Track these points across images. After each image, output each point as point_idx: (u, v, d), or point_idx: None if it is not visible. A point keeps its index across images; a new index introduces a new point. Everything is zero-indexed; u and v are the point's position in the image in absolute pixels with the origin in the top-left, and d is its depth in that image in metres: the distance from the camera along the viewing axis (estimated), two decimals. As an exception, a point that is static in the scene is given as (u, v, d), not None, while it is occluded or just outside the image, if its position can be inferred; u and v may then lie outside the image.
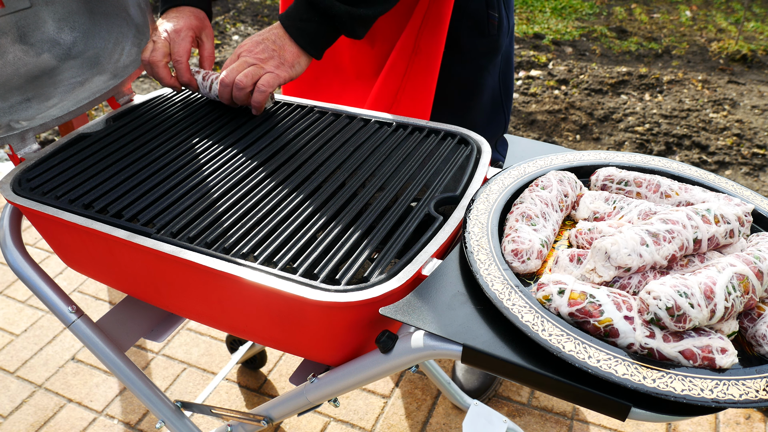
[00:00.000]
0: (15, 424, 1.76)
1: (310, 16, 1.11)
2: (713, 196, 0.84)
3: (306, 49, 1.13)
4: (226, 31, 4.70)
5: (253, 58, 1.11)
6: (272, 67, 1.11)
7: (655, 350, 0.63)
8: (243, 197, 0.95)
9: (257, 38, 1.13)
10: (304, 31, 1.12)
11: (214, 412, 1.15)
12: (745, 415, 1.72)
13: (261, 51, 1.12)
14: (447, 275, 0.76)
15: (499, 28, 1.34)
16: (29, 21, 1.26)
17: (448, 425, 1.72)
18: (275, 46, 1.12)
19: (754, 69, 4.01)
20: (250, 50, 1.12)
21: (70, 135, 1.15)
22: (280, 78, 1.11)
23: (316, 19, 1.11)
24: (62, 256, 1.07)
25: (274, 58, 1.11)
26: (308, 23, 1.11)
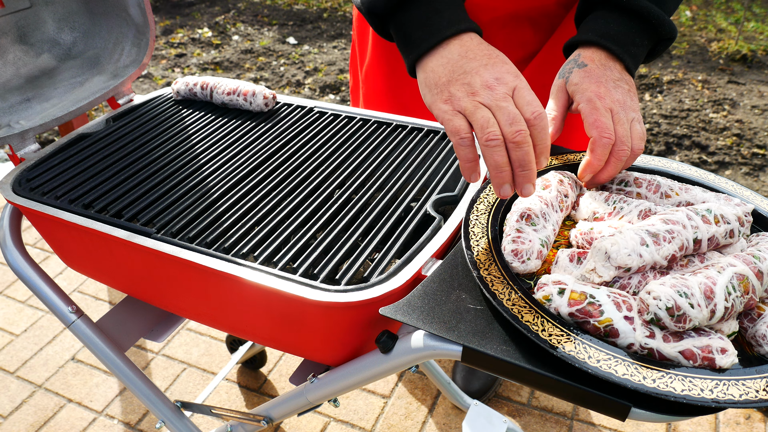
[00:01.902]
0: (15, 424, 1.76)
1: (642, 41, 0.88)
2: (713, 196, 0.84)
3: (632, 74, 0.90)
4: (227, 31, 4.70)
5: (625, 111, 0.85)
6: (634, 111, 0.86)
7: (655, 350, 0.63)
8: (243, 197, 0.95)
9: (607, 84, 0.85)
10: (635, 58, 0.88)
11: (214, 412, 1.15)
12: (745, 415, 1.72)
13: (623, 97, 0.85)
14: (447, 275, 0.76)
15: None
16: (29, 21, 1.26)
17: (448, 425, 1.72)
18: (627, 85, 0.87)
19: (754, 69, 4.01)
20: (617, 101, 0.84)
21: (70, 135, 1.15)
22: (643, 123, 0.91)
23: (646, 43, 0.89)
24: (62, 256, 1.07)
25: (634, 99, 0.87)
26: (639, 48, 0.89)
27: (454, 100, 0.73)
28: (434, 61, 0.77)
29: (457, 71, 0.75)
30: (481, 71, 0.73)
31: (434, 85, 0.76)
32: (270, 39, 4.56)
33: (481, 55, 0.75)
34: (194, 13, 5.09)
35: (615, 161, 0.83)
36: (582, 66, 0.87)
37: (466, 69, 0.74)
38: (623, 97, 0.85)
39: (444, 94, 0.74)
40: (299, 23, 4.85)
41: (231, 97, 1.21)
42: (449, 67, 0.75)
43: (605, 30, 0.88)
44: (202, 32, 4.68)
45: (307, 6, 5.24)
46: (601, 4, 0.90)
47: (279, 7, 5.20)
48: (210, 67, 4.12)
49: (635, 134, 0.84)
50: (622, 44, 0.87)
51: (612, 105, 0.83)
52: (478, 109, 0.71)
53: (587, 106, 0.83)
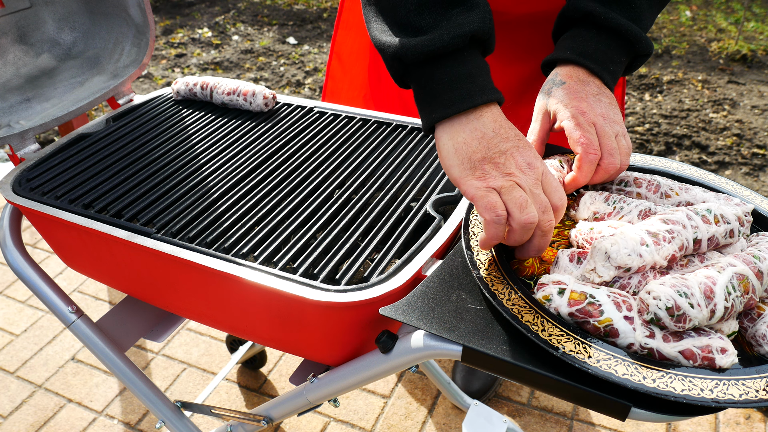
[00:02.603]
0: (15, 424, 1.76)
1: (620, 57, 0.88)
2: (713, 196, 0.84)
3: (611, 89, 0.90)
4: (227, 31, 4.70)
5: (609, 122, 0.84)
6: (618, 124, 0.85)
7: (655, 350, 0.63)
8: (243, 197, 0.95)
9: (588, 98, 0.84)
10: (613, 74, 0.88)
11: (214, 412, 1.15)
12: (745, 415, 1.72)
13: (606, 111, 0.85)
14: (447, 275, 0.76)
15: None
16: (29, 21, 1.26)
17: (448, 425, 1.72)
18: (607, 98, 0.86)
19: (754, 69, 4.01)
20: (600, 115, 0.84)
21: (70, 135, 1.15)
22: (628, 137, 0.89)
23: (623, 60, 0.89)
24: (62, 256, 1.07)
25: (617, 111, 0.86)
26: (617, 65, 0.88)
27: (489, 178, 0.72)
28: (466, 133, 0.74)
29: (492, 149, 0.73)
30: (515, 154, 0.73)
31: (467, 159, 0.73)
32: (270, 39, 4.56)
33: (513, 136, 0.74)
34: (194, 13, 5.09)
35: (603, 173, 0.83)
36: (560, 84, 0.87)
37: (501, 149, 0.73)
38: (605, 110, 0.84)
39: (478, 171, 0.72)
40: (299, 23, 4.85)
41: (231, 97, 1.21)
42: (484, 143, 0.73)
43: (583, 48, 0.87)
44: (202, 32, 4.68)
45: (307, 6, 5.24)
46: (578, 21, 0.90)
47: (279, 7, 5.20)
48: (210, 67, 4.12)
49: (622, 149, 0.83)
50: (600, 62, 0.86)
51: (595, 119, 0.82)
52: (515, 189, 0.71)
53: (570, 123, 0.82)
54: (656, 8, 0.92)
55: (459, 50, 0.74)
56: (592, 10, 0.87)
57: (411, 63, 0.76)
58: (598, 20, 0.87)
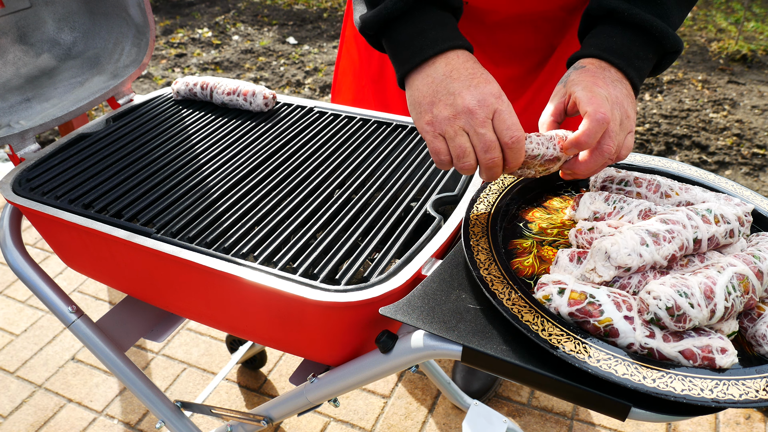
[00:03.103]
0: (15, 424, 1.76)
1: (646, 54, 0.86)
2: (713, 196, 0.84)
3: (637, 88, 0.87)
4: (227, 31, 4.70)
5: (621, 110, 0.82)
6: (632, 121, 0.83)
7: (655, 350, 0.63)
8: (243, 197, 0.95)
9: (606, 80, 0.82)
10: (640, 71, 0.86)
11: (214, 412, 1.15)
12: (745, 415, 1.72)
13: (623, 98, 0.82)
14: (447, 275, 0.76)
15: None
16: (29, 21, 1.26)
17: (448, 425, 1.72)
18: (626, 90, 0.84)
19: (754, 69, 4.01)
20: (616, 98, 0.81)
21: (70, 135, 1.15)
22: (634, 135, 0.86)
23: (650, 57, 0.87)
24: (62, 256, 1.07)
25: (632, 106, 0.84)
26: (644, 61, 0.86)
27: (436, 123, 0.76)
28: (419, 80, 0.78)
29: (440, 91, 0.76)
30: (464, 93, 0.75)
31: (418, 103, 0.77)
32: (270, 39, 4.56)
33: (465, 75, 0.76)
34: (194, 13, 5.09)
35: (598, 155, 0.80)
36: (580, 68, 0.86)
37: (450, 89, 0.75)
38: (621, 97, 0.82)
39: (427, 115, 0.77)
40: (299, 23, 4.85)
41: (231, 97, 1.21)
42: (433, 86, 0.77)
43: (607, 44, 0.86)
44: (202, 32, 4.68)
45: (307, 6, 5.24)
46: (602, 19, 0.89)
47: (279, 7, 5.20)
48: (210, 67, 4.12)
49: (626, 143, 0.82)
50: (625, 57, 0.85)
51: (609, 97, 0.80)
52: (457, 137, 0.75)
53: (584, 92, 0.80)
54: (685, 6, 0.91)
55: (407, 12, 0.78)
56: (616, 7, 0.86)
57: (372, 34, 0.81)
58: (622, 16, 0.86)
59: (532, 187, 0.93)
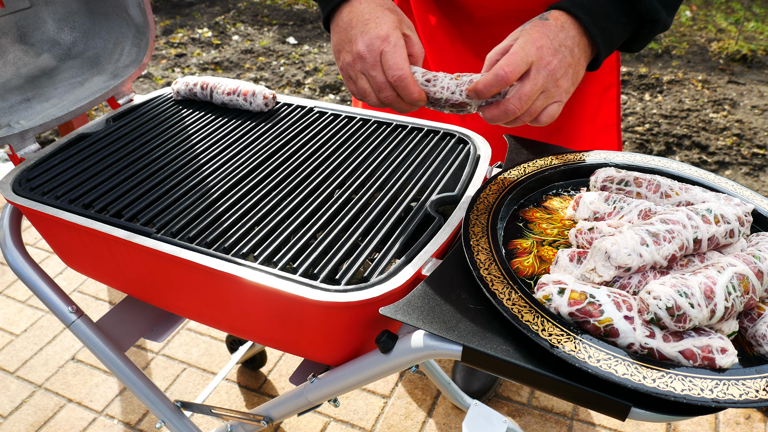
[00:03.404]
0: (15, 424, 1.76)
1: (618, 17, 0.84)
2: (713, 196, 0.84)
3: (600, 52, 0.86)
4: (227, 31, 4.70)
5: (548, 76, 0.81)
6: (563, 92, 0.83)
7: (655, 350, 0.63)
8: (243, 197, 0.95)
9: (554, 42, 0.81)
10: (606, 33, 0.84)
11: (214, 412, 1.15)
12: (745, 415, 1.72)
13: (559, 65, 0.81)
14: (447, 275, 0.76)
15: None
16: (29, 21, 1.26)
17: (448, 425, 1.72)
18: (572, 59, 0.83)
19: (754, 69, 4.01)
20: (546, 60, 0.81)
21: (70, 135, 1.15)
22: (562, 106, 0.85)
23: (623, 21, 0.85)
24: (62, 256, 1.07)
25: (568, 78, 0.83)
26: (614, 24, 0.84)
27: (344, 69, 0.88)
28: (333, 30, 0.89)
29: (343, 40, 0.86)
30: (357, 40, 0.84)
31: (334, 52, 0.89)
32: (270, 39, 4.56)
33: (361, 21, 0.84)
34: (194, 13, 5.09)
35: (501, 111, 0.81)
36: (542, 18, 0.84)
37: (349, 37, 0.85)
38: (561, 65, 0.81)
39: (338, 62, 0.89)
40: (299, 23, 4.85)
41: (231, 97, 1.21)
42: (340, 35, 0.87)
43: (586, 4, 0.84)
44: (202, 32, 4.68)
45: (307, 6, 5.24)
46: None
47: (279, 7, 5.20)
48: (210, 67, 4.12)
49: (534, 107, 0.81)
50: (593, 14, 0.83)
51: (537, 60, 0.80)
52: (359, 80, 0.86)
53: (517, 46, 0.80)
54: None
55: None
56: None
57: None
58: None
59: (532, 187, 0.93)
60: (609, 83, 1.24)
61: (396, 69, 0.81)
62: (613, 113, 1.26)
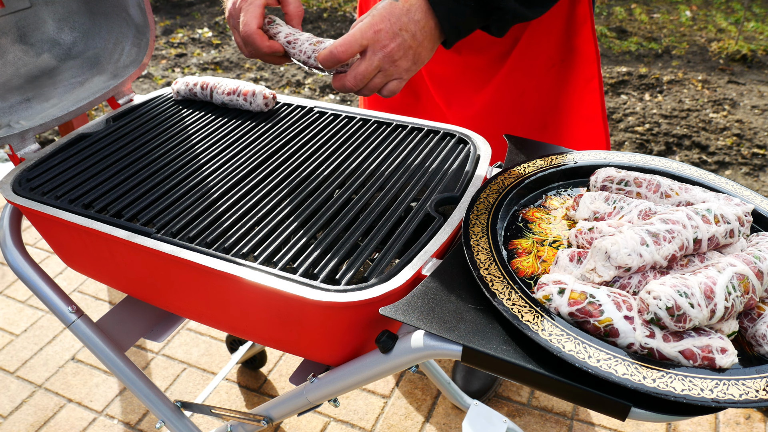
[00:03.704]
0: (15, 424, 1.76)
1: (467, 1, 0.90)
2: (713, 196, 0.84)
3: (447, 38, 0.93)
4: (227, 31, 4.70)
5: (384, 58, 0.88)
6: (403, 71, 0.91)
7: (655, 350, 0.63)
8: (243, 197, 0.95)
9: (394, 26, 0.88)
10: (453, 14, 0.90)
11: (214, 412, 1.15)
12: (745, 415, 1.72)
13: (397, 48, 0.88)
14: (447, 275, 0.76)
15: None
16: (29, 21, 1.26)
17: (448, 425, 1.72)
18: (413, 42, 0.89)
19: (754, 69, 4.01)
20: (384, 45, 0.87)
21: (70, 135, 1.15)
22: (404, 83, 0.93)
23: (471, 5, 0.91)
24: (62, 256, 1.07)
25: (408, 58, 0.90)
26: (461, 6, 0.90)
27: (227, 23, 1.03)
28: None
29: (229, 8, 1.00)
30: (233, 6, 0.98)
31: None
32: (270, 39, 4.55)
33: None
34: (194, 13, 5.09)
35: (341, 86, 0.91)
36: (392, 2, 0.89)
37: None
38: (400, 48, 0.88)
39: None
40: (299, 23, 4.84)
41: (231, 97, 1.21)
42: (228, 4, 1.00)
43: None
44: (202, 32, 4.68)
45: (307, 6, 5.24)
46: None
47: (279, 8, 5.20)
48: (210, 67, 4.12)
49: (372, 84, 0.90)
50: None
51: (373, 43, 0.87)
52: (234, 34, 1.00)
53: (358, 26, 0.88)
54: None
55: None
56: None
57: None
58: None
59: (532, 187, 0.93)
60: (590, 75, 1.28)
61: (244, 26, 0.95)
62: (597, 104, 1.30)
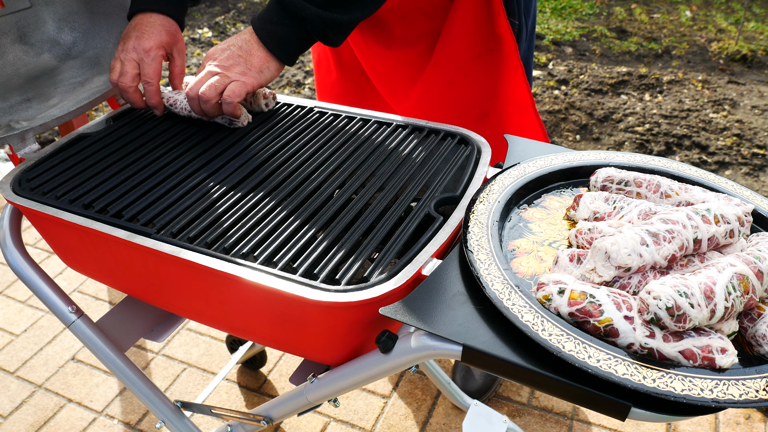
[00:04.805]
0: (15, 424, 1.76)
1: (281, 19, 1.05)
2: (713, 196, 0.84)
3: (276, 54, 1.07)
4: (227, 31, 4.70)
5: (217, 66, 1.06)
6: (237, 74, 1.05)
7: (655, 350, 0.63)
8: (243, 197, 0.95)
9: (223, 45, 1.08)
10: (274, 35, 1.06)
11: (214, 412, 1.15)
12: (745, 415, 1.72)
13: (226, 58, 1.06)
14: (447, 275, 0.76)
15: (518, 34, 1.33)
16: (29, 21, 1.26)
17: (448, 425, 1.72)
18: (241, 52, 1.06)
19: (754, 69, 4.01)
20: (214, 57, 1.07)
21: (70, 135, 1.15)
22: (246, 85, 1.05)
23: (287, 22, 1.05)
24: (62, 256, 1.07)
25: (240, 65, 1.06)
26: (279, 26, 1.05)
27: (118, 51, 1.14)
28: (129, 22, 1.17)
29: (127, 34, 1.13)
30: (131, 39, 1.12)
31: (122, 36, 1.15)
32: (270, 39, 4.55)
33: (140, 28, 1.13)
34: (194, 13, 5.09)
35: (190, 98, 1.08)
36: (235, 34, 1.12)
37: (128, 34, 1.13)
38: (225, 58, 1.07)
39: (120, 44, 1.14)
40: (299, 23, 4.84)
41: (231, 97, 1.21)
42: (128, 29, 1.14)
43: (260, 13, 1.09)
44: (202, 32, 4.68)
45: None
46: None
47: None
48: (210, 67, 4.11)
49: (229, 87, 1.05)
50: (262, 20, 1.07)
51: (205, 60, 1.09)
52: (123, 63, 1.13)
53: None
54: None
55: None
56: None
57: None
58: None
59: (532, 187, 0.93)
60: (515, 64, 1.34)
61: (148, 77, 1.12)
62: (525, 94, 1.38)
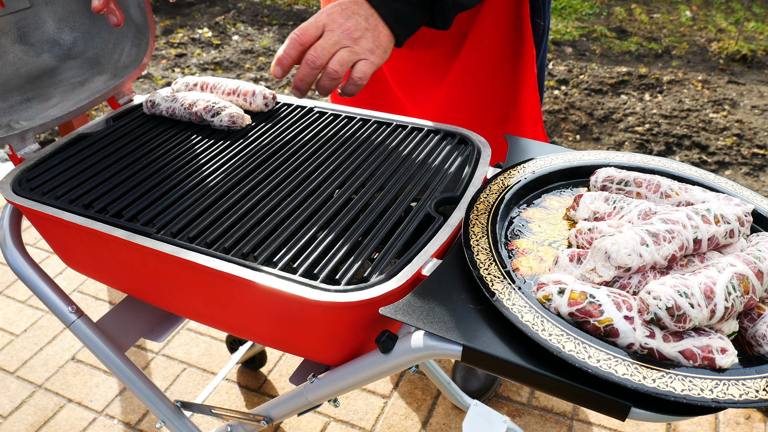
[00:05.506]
0: (15, 424, 1.76)
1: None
2: (713, 196, 0.84)
3: (397, 34, 0.97)
4: (227, 31, 4.70)
5: (343, 34, 0.92)
6: (366, 50, 0.93)
7: (655, 350, 0.63)
8: (243, 197, 0.95)
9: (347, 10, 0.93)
10: (399, 14, 0.95)
11: (214, 412, 1.15)
12: (745, 415, 1.72)
13: (353, 27, 0.92)
14: (447, 275, 0.76)
15: (542, 36, 1.31)
16: (29, 21, 1.26)
17: (448, 425, 1.72)
18: (368, 25, 0.94)
19: (754, 69, 4.01)
20: (338, 22, 0.92)
21: (70, 135, 1.15)
22: (374, 66, 0.95)
23: (414, 2, 0.95)
24: (62, 256, 1.07)
25: (368, 39, 0.93)
26: (405, 5, 0.95)
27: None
28: None
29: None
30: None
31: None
32: (270, 39, 4.56)
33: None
34: (194, 13, 5.09)
35: (304, 64, 0.93)
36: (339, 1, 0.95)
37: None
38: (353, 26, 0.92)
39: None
40: (299, 23, 4.85)
41: (231, 97, 1.21)
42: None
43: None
44: (202, 32, 4.68)
45: (307, 6, 5.24)
46: None
47: (279, 7, 5.20)
48: (210, 67, 4.12)
49: (338, 57, 0.92)
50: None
51: (329, 23, 0.92)
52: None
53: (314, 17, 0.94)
54: None
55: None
56: None
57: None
58: None
59: (532, 187, 0.93)
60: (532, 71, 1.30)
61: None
62: (537, 101, 1.35)
